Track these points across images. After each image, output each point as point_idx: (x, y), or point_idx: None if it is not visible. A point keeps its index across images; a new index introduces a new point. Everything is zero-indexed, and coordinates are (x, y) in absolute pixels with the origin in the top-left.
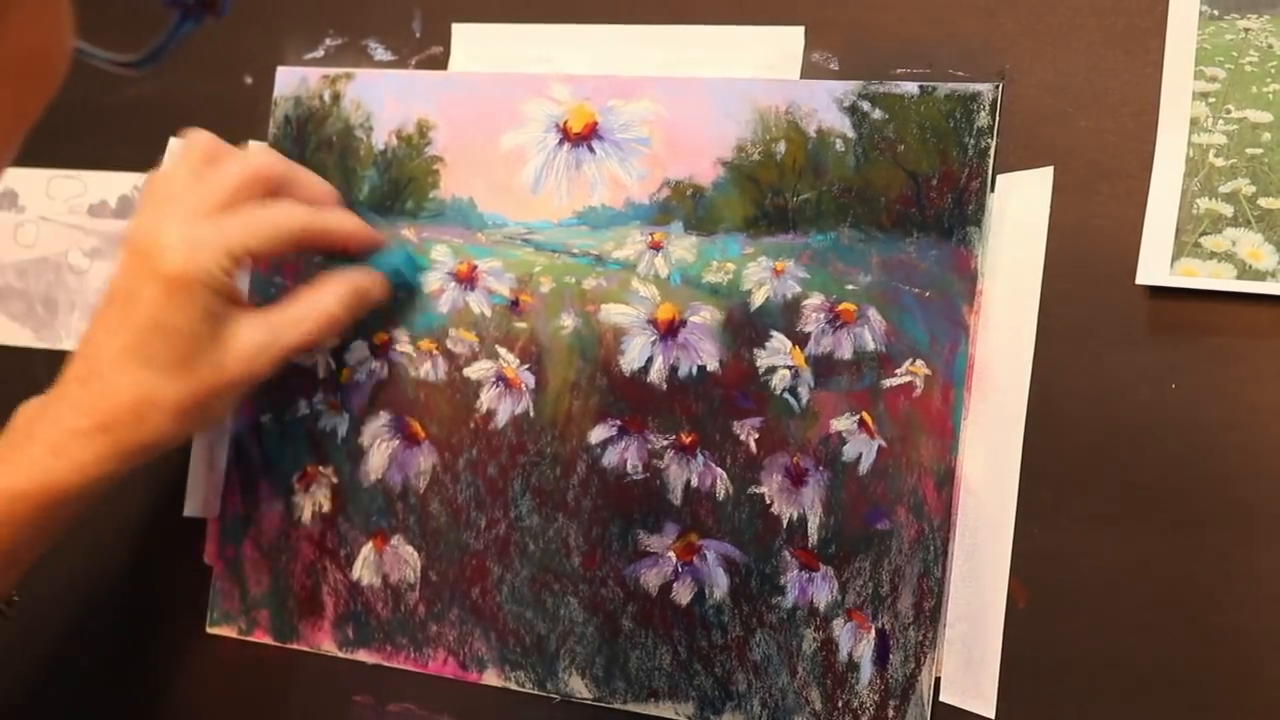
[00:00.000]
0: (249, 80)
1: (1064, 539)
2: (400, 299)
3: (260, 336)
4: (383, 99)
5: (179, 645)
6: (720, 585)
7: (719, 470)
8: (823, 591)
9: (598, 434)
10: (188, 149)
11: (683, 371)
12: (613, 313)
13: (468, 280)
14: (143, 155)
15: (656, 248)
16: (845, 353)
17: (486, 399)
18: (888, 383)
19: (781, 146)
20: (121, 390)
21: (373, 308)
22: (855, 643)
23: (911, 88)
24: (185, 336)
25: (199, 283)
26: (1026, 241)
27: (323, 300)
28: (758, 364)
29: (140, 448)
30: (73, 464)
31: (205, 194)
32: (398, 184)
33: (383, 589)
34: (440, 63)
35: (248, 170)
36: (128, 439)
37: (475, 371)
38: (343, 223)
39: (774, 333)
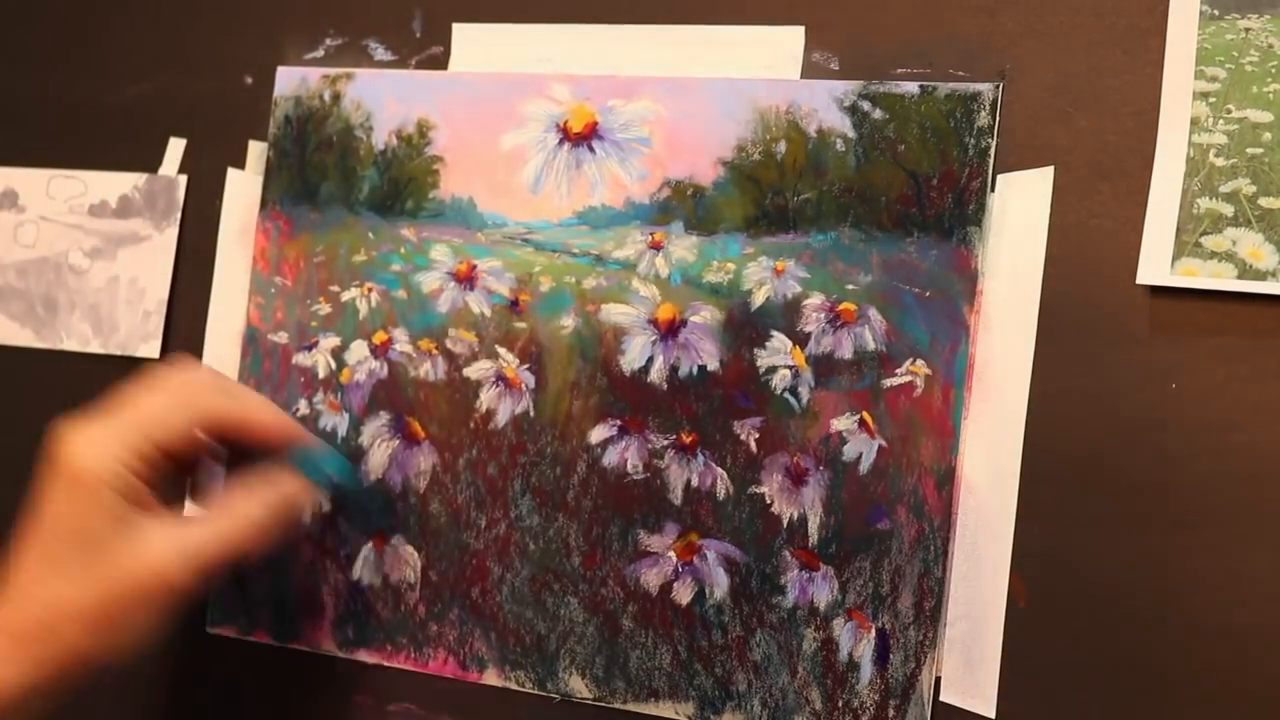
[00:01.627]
0: (249, 80)
1: (1064, 539)
2: (402, 299)
3: (175, 544)
4: (383, 99)
5: (179, 645)
6: (720, 585)
7: (719, 470)
8: (823, 591)
9: (598, 434)
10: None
11: (683, 371)
12: (613, 312)
13: (467, 280)
14: (143, 155)
15: (657, 247)
16: (846, 352)
17: (486, 399)
18: (888, 382)
19: (782, 146)
20: (30, 599)
21: (296, 518)
22: (855, 642)
23: (912, 88)
24: (87, 539)
25: (100, 481)
26: (1027, 241)
27: (250, 511)
28: (758, 364)
29: (56, 662)
30: None
31: (118, 399)
32: (398, 184)
33: (383, 589)
34: (440, 63)
35: (166, 376)
36: (43, 653)
37: (475, 371)
38: (262, 410)
39: (774, 332)
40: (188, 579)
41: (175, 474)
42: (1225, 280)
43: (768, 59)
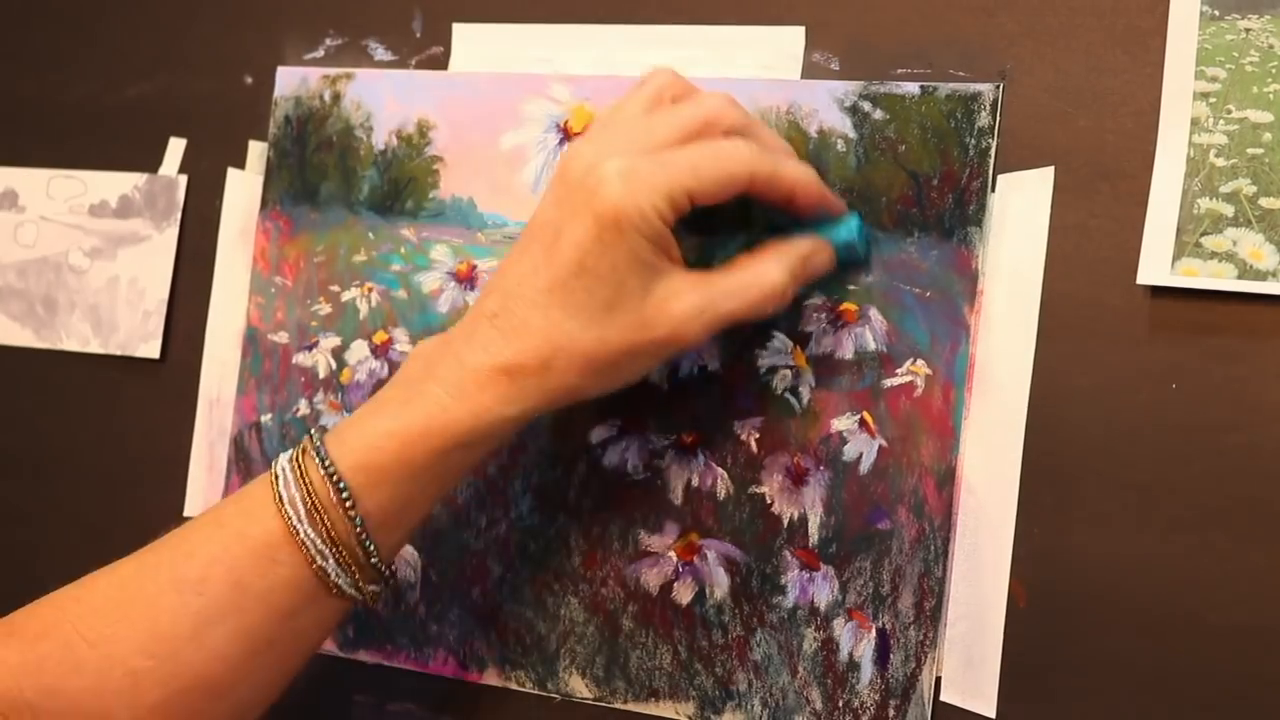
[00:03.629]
0: (249, 80)
1: (1064, 539)
2: (402, 299)
3: (695, 298)
4: (383, 99)
5: None
6: (721, 585)
7: (719, 470)
8: (823, 591)
9: (598, 434)
10: (645, 84)
11: (684, 371)
12: None
13: (468, 280)
14: (143, 155)
15: None
16: (846, 352)
17: None
18: (888, 382)
19: None
20: (532, 332)
21: (814, 279)
22: (856, 642)
23: (912, 88)
24: (611, 283)
25: (633, 225)
26: (1027, 241)
27: (767, 269)
28: (759, 364)
29: (543, 396)
30: (472, 406)
31: (651, 129)
32: (398, 184)
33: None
34: (440, 63)
35: (700, 112)
36: (531, 385)
37: None
38: (798, 171)
39: (775, 333)
40: (702, 335)
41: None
42: (1225, 280)
43: (768, 59)
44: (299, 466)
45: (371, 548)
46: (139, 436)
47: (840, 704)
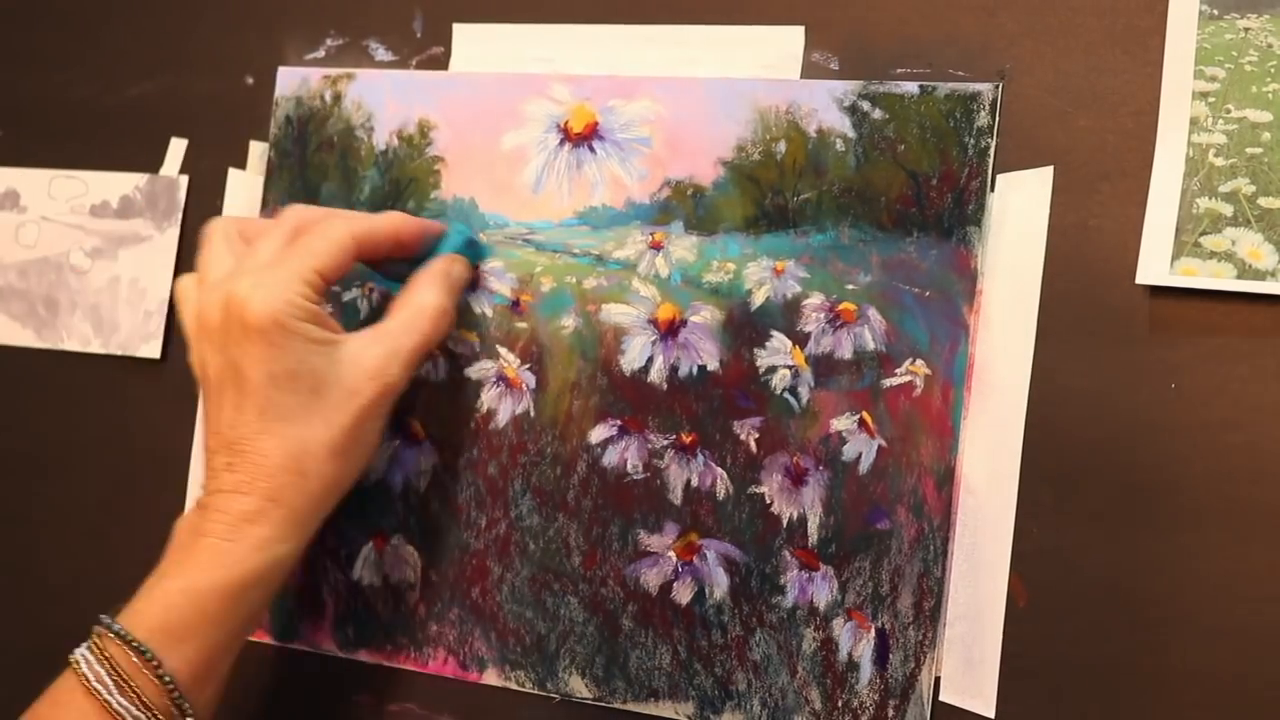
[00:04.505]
0: (249, 80)
1: (1064, 539)
2: None
3: (379, 349)
4: (384, 99)
5: None
6: (720, 585)
7: (719, 470)
8: (823, 591)
9: (598, 434)
10: (210, 238)
11: (683, 371)
12: (613, 312)
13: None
14: (144, 155)
15: (657, 248)
16: (845, 352)
17: (487, 399)
18: (888, 382)
19: (782, 146)
20: (270, 454)
21: (465, 286)
22: (855, 642)
23: (911, 88)
24: (304, 374)
25: (289, 316)
26: (1026, 241)
27: (424, 297)
28: (758, 364)
29: (311, 502)
30: (251, 544)
31: (253, 252)
32: (399, 184)
33: (383, 589)
34: (441, 63)
35: (286, 218)
36: (297, 499)
37: (476, 371)
38: (388, 216)
39: (774, 332)
40: (405, 375)
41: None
42: (1225, 280)
43: (768, 59)
44: (97, 648)
45: (186, 706)
46: (140, 436)
47: (839, 704)
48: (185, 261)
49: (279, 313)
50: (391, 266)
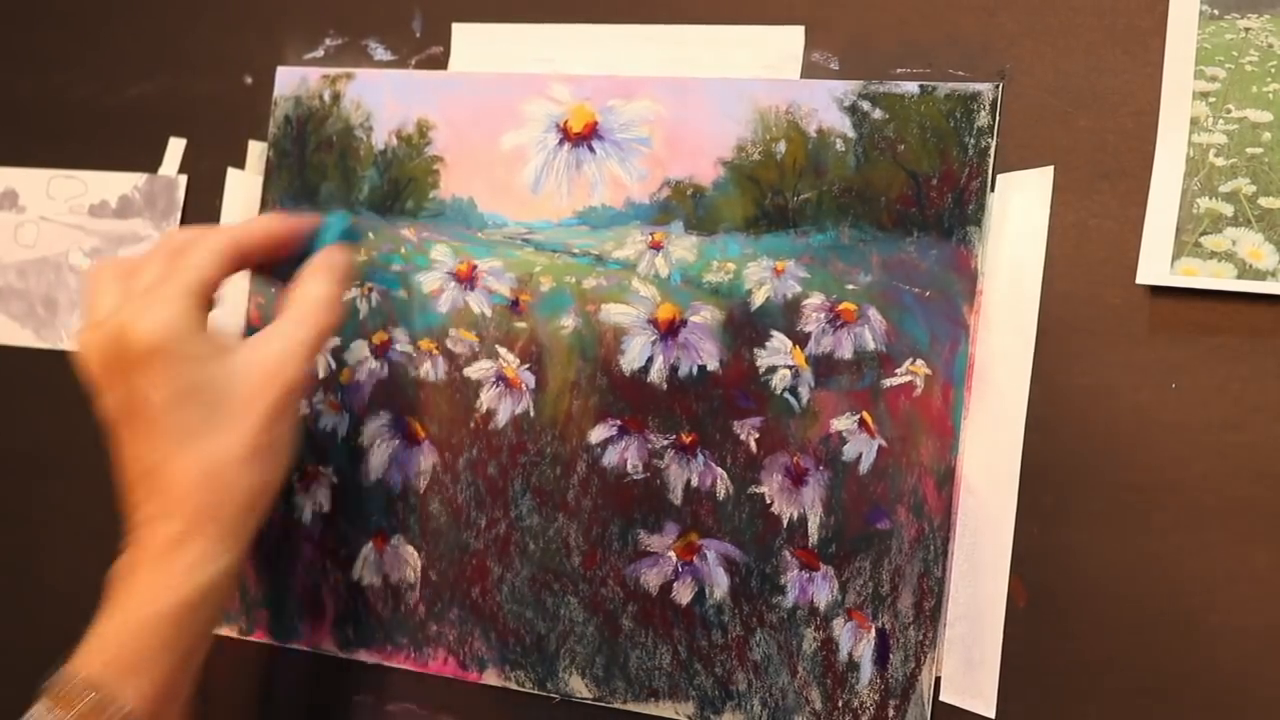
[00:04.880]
0: (249, 80)
1: (1064, 539)
2: (402, 299)
3: (277, 344)
4: (383, 99)
5: None
6: (720, 585)
7: (719, 470)
8: (823, 591)
9: (598, 434)
10: (96, 274)
11: (683, 371)
12: (613, 312)
13: (468, 280)
14: (143, 155)
15: (657, 247)
16: (845, 352)
17: (486, 399)
18: (888, 382)
19: (782, 146)
20: (189, 472)
21: (352, 273)
22: (855, 642)
23: (912, 87)
24: (204, 383)
25: (175, 332)
26: (1026, 241)
27: (311, 290)
28: (758, 364)
29: (238, 514)
30: (189, 561)
31: (127, 282)
32: (398, 184)
33: (383, 589)
34: (440, 63)
35: (161, 244)
36: (223, 513)
37: (475, 371)
38: (261, 220)
39: (774, 332)
40: (307, 366)
41: None
42: (1225, 280)
43: (768, 59)
44: (50, 704)
45: None
46: None
47: (840, 704)
48: None
49: (167, 329)
50: (280, 269)
